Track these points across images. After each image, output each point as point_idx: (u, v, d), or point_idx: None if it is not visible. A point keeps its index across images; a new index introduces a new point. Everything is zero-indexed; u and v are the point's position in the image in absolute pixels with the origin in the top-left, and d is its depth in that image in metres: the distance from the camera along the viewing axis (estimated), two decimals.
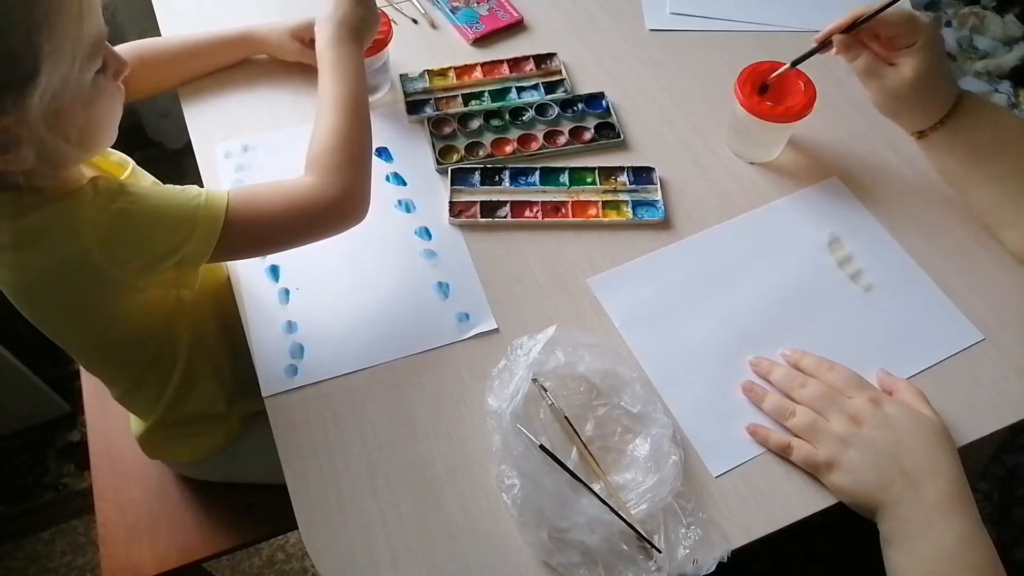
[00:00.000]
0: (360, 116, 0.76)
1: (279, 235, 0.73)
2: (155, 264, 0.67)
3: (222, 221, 0.67)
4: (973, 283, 0.81)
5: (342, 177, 0.73)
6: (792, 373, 0.73)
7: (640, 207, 0.86)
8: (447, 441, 0.71)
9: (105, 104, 0.66)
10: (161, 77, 0.94)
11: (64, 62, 0.59)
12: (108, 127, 0.68)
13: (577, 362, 0.73)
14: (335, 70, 0.78)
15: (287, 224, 0.72)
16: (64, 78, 0.59)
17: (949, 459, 0.65)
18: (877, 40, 0.76)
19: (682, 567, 0.63)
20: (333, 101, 0.76)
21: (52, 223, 0.63)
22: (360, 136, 0.76)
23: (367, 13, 0.83)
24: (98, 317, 0.73)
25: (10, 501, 1.53)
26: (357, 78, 0.78)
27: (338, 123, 0.74)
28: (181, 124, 0.94)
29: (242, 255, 0.77)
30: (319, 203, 0.72)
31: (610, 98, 0.97)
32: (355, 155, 0.75)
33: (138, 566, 0.96)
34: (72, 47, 0.59)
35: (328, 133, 0.74)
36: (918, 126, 0.79)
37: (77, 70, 0.61)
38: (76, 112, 0.62)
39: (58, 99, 0.60)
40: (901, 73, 0.74)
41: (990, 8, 1.27)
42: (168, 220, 0.66)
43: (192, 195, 0.68)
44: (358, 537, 0.66)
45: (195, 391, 0.86)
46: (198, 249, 0.67)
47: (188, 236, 0.66)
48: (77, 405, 1.39)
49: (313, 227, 0.74)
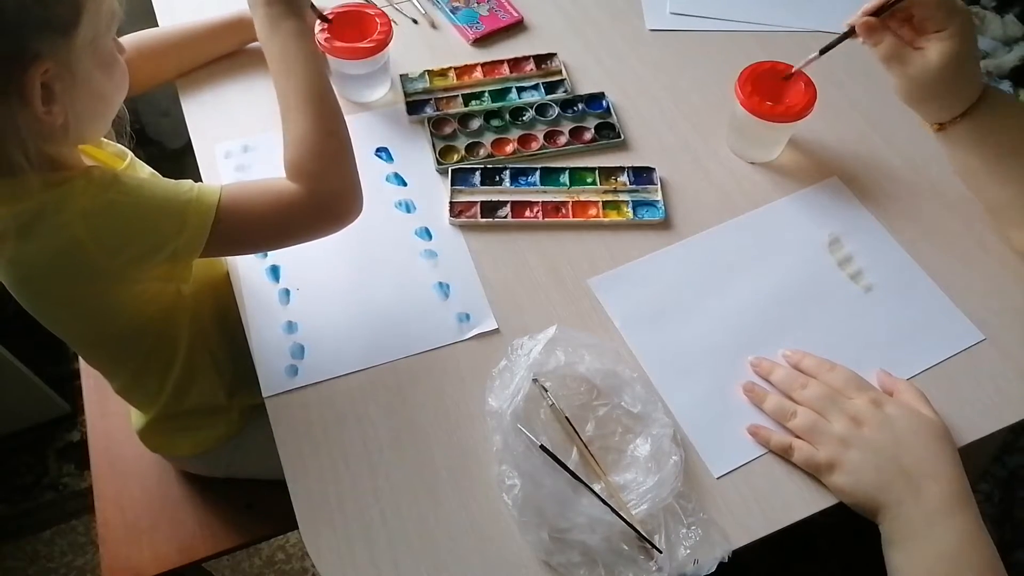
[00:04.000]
0: (326, 109, 0.72)
1: (271, 235, 0.73)
2: (146, 256, 0.67)
3: (213, 216, 0.67)
4: (973, 283, 0.81)
5: (325, 182, 0.71)
6: (793, 374, 0.73)
7: (640, 207, 0.86)
8: (447, 441, 0.71)
9: (119, 75, 0.68)
10: (158, 68, 0.93)
11: (98, 23, 0.62)
12: (118, 99, 0.69)
13: (577, 362, 0.73)
14: (283, 63, 0.73)
15: (278, 226, 0.72)
16: (96, 38, 0.62)
17: (950, 460, 0.65)
18: (907, 24, 0.73)
19: (683, 567, 0.63)
20: (293, 101, 0.72)
21: (45, 212, 0.63)
22: (332, 130, 0.72)
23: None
24: (95, 309, 0.74)
25: (10, 501, 1.53)
26: (309, 64, 0.73)
27: (305, 125, 0.71)
28: (181, 124, 0.94)
29: (235, 251, 0.76)
30: (307, 210, 0.71)
31: (610, 98, 0.97)
32: (333, 154, 0.72)
33: (138, 566, 0.95)
34: (107, 11, 0.63)
35: (299, 138, 0.71)
36: (939, 117, 0.76)
37: (104, 33, 0.64)
38: (100, 74, 0.64)
39: (95, 51, 0.63)
40: (928, 58, 0.71)
41: (990, 8, 1.27)
42: (159, 213, 0.66)
43: (185, 189, 0.68)
44: (358, 537, 0.66)
45: (195, 384, 0.86)
46: (189, 243, 0.67)
47: (179, 229, 0.66)
48: (77, 405, 1.39)
49: (305, 231, 0.74)
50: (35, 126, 0.60)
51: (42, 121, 0.60)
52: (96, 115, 0.67)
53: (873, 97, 0.96)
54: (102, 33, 0.63)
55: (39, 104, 0.59)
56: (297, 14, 0.76)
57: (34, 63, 0.58)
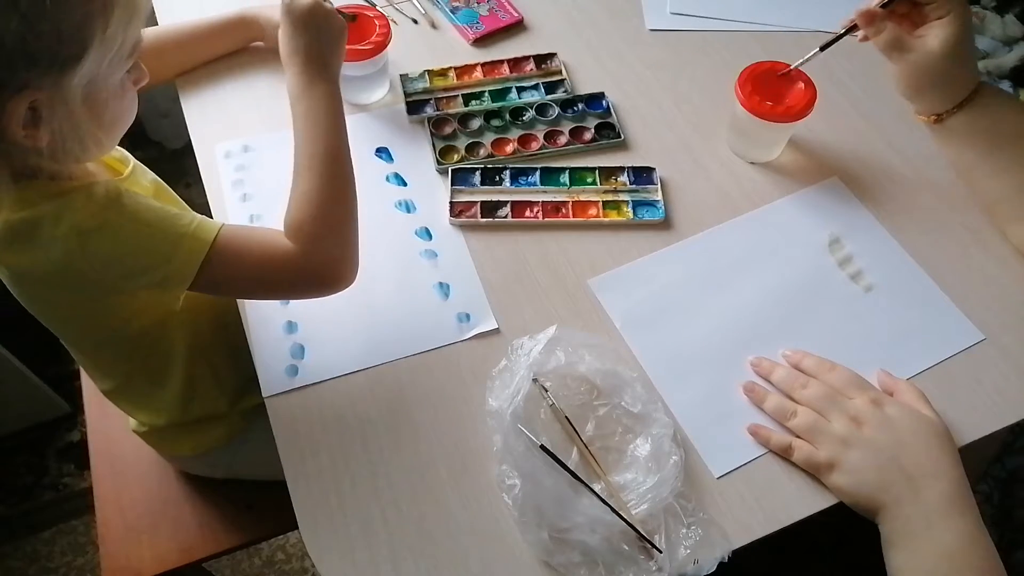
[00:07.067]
0: (339, 174, 0.72)
1: (256, 287, 0.73)
2: (133, 275, 0.67)
3: (205, 253, 0.66)
4: (973, 283, 0.81)
5: (321, 248, 0.70)
6: (793, 374, 0.73)
7: (640, 207, 0.86)
8: (448, 441, 0.71)
9: (126, 105, 0.67)
10: (159, 67, 0.92)
11: (108, 56, 0.61)
12: (122, 127, 0.69)
13: (578, 362, 0.73)
14: (306, 122, 0.73)
15: (264, 281, 0.71)
16: (103, 71, 0.61)
17: (950, 460, 0.65)
18: (908, 16, 0.75)
19: (683, 567, 0.63)
20: (308, 160, 0.72)
21: (43, 223, 0.63)
22: (341, 198, 0.72)
23: (327, 30, 0.77)
24: (87, 316, 0.74)
25: (10, 501, 1.53)
26: (332, 129, 0.73)
27: (315, 186, 0.71)
28: (181, 124, 0.94)
29: (221, 293, 0.75)
30: (297, 272, 0.70)
31: (610, 98, 0.97)
32: (336, 222, 0.71)
33: (138, 566, 0.96)
34: (120, 43, 0.61)
35: (305, 198, 0.70)
36: (936, 108, 0.77)
37: (115, 66, 0.63)
38: (102, 106, 0.64)
39: (92, 88, 0.61)
40: (928, 44, 0.73)
41: (990, 8, 1.27)
42: (152, 239, 0.66)
43: (185, 221, 0.67)
44: (358, 537, 0.66)
45: (196, 398, 0.87)
46: (179, 272, 0.66)
47: (168, 258, 0.66)
48: (77, 405, 1.39)
49: (292, 291, 0.74)
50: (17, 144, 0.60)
51: (21, 143, 0.60)
52: (93, 138, 0.65)
53: (873, 97, 0.96)
54: (112, 66, 0.62)
55: (17, 128, 0.58)
56: (331, 79, 0.76)
57: (21, 92, 0.57)
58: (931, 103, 0.78)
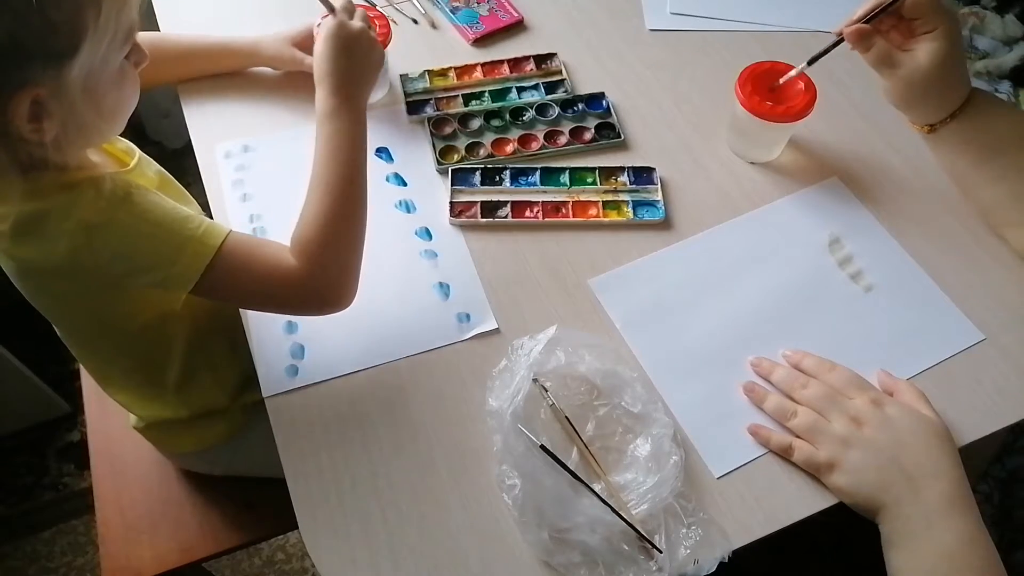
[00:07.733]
0: (352, 201, 0.73)
1: (256, 299, 0.73)
2: (136, 273, 0.67)
3: (210, 259, 0.66)
4: (973, 283, 0.81)
5: (324, 269, 0.71)
6: (793, 374, 0.73)
7: (640, 207, 0.86)
8: (448, 441, 0.71)
9: (128, 89, 0.67)
10: (163, 72, 0.93)
11: (103, 44, 0.61)
12: (126, 111, 0.69)
13: (578, 362, 0.73)
14: (328, 146, 0.73)
15: (265, 294, 0.72)
16: (101, 58, 0.61)
17: (950, 460, 0.65)
18: (896, 29, 0.74)
19: (683, 567, 0.63)
20: (323, 182, 0.72)
21: (51, 216, 0.64)
22: (351, 224, 0.73)
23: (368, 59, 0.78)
24: (88, 308, 0.74)
25: (10, 501, 1.53)
26: (353, 155, 0.74)
27: (326, 209, 0.71)
28: (181, 124, 0.94)
29: (222, 299, 0.74)
30: (297, 290, 0.70)
31: (610, 98, 0.97)
32: (343, 245, 0.72)
33: (138, 566, 0.96)
34: (113, 30, 0.61)
35: (315, 218, 0.71)
36: (929, 119, 0.78)
37: (112, 53, 0.63)
38: (104, 92, 0.64)
39: (92, 77, 0.61)
40: (917, 59, 0.73)
41: (990, 8, 1.27)
42: (158, 240, 0.66)
43: (193, 225, 0.67)
44: (358, 537, 0.66)
45: (194, 392, 0.87)
46: (182, 275, 0.66)
47: (173, 260, 0.66)
48: (77, 405, 1.39)
49: (290, 307, 0.74)
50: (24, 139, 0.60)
51: (28, 138, 0.60)
52: (97, 128, 0.66)
53: (873, 97, 0.95)
54: (110, 53, 0.62)
55: (23, 123, 0.59)
56: (359, 107, 0.76)
57: (23, 88, 0.57)
58: (923, 114, 0.78)
